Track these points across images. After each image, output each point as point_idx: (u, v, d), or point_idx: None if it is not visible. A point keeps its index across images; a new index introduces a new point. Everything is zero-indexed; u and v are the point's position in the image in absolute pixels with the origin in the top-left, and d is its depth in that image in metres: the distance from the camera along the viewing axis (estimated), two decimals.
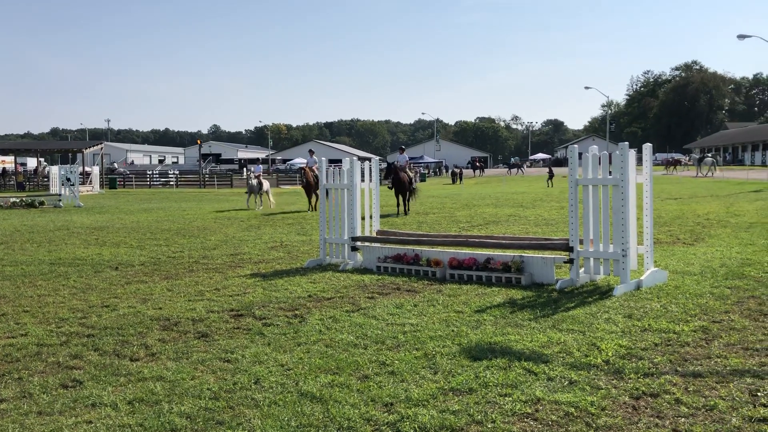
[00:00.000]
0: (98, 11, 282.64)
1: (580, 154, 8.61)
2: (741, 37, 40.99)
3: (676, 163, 66.14)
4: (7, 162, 67.18)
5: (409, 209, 21.68)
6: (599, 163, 8.54)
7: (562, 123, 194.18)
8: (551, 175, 44.43)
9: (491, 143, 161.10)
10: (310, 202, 23.69)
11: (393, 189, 21.23)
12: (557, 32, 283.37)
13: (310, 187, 23.35)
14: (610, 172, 8.45)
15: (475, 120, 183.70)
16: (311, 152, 26.65)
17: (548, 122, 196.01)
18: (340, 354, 5.69)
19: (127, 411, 4.50)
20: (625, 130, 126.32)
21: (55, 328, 6.73)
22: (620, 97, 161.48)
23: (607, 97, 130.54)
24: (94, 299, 8.18)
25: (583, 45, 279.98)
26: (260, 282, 9.21)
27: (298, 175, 25.27)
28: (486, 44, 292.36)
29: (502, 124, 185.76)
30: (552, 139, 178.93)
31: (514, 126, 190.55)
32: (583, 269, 8.65)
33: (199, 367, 5.41)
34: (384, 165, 23.65)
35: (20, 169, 60.47)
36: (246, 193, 26.92)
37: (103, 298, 8.22)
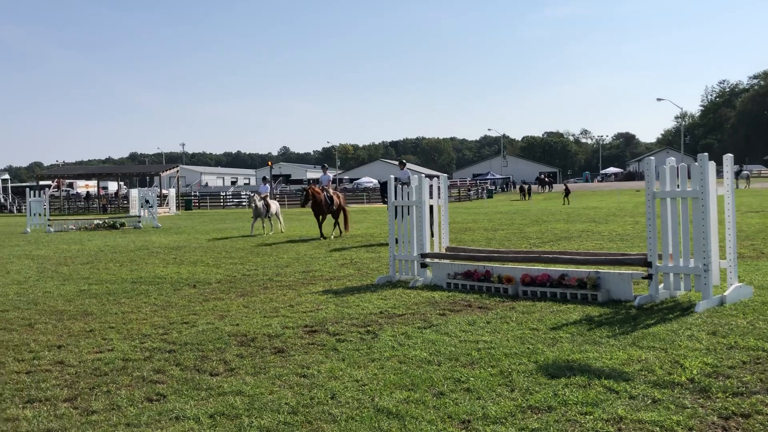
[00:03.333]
0: (173, 41, 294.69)
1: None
2: None
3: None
4: (91, 186, 70.57)
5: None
6: (677, 176, 8.28)
7: (633, 136, 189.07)
8: (567, 192, 43.83)
9: (560, 158, 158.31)
10: (321, 227, 20.27)
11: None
12: (627, 44, 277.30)
13: (320, 208, 20.34)
14: (689, 185, 8.18)
15: (542, 135, 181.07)
16: (324, 168, 22.53)
17: (619, 135, 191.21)
18: (415, 370, 5.68)
19: (209, 424, 4.62)
20: (700, 142, 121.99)
21: (139, 344, 6.99)
22: (694, 108, 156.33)
23: (681, 108, 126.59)
24: (174, 316, 8.47)
25: (655, 56, 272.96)
26: (332, 298, 9.31)
27: (302, 193, 23.33)
28: (552, 58, 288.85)
29: (571, 138, 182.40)
30: (623, 152, 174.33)
31: (583, 140, 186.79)
32: (662, 285, 8.37)
33: (276, 382, 5.51)
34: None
35: (102, 192, 63.34)
36: (252, 217, 23.40)
37: (182, 315, 8.49)
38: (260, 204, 22.72)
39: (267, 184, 26.13)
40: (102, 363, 6.27)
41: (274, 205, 23.47)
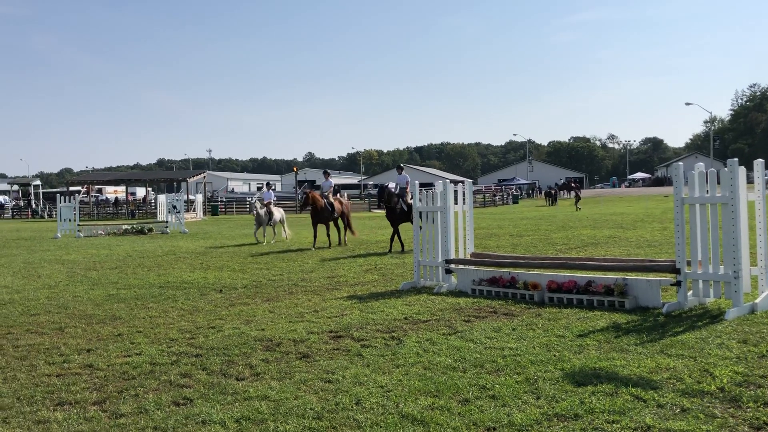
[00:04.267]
0: (201, 50, 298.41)
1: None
2: None
3: None
4: (119, 191, 71.59)
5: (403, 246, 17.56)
6: (707, 181, 8.17)
7: (661, 141, 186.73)
8: (578, 198, 43.23)
9: (586, 163, 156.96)
10: (316, 235, 19.32)
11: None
12: (655, 48, 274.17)
13: (319, 216, 19.16)
14: (718, 190, 8.06)
15: (569, 140, 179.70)
16: (327, 174, 21.25)
17: (646, 140, 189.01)
18: (439, 377, 5.67)
19: (235, 429, 4.65)
20: (730, 147, 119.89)
21: (166, 348, 7.07)
22: (724, 112, 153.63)
23: (710, 112, 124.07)
24: (200, 320, 8.55)
25: (683, 60, 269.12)
26: (357, 304, 9.33)
27: (299, 198, 21.10)
28: (578, 63, 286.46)
29: (598, 143, 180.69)
30: (651, 157, 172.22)
31: (610, 145, 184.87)
32: (691, 292, 8.25)
33: (301, 387, 5.53)
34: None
35: (130, 197, 64.22)
36: (254, 225, 22.48)
37: (209, 320, 8.57)
38: (262, 211, 21.88)
39: (271, 191, 24.46)
40: (130, 367, 6.35)
41: (278, 213, 22.57)
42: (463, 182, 11.56)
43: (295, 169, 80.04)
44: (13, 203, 65.31)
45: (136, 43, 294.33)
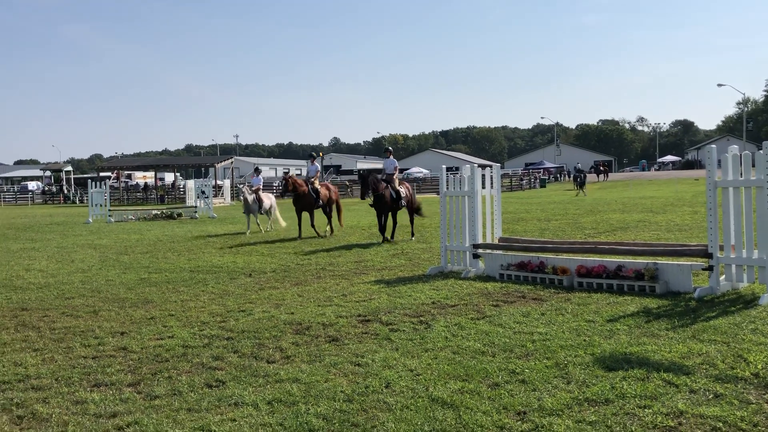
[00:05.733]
0: (227, 36, 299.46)
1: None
2: None
3: None
4: (148, 177, 72.46)
5: (393, 236, 16.13)
6: (740, 164, 8.02)
7: (692, 123, 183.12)
8: (582, 182, 42.11)
9: (615, 146, 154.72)
10: (300, 223, 17.52)
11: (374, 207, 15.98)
12: (685, 29, 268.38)
13: (303, 202, 17.54)
14: (753, 173, 7.91)
15: (597, 122, 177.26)
16: (312, 158, 19.41)
17: (677, 123, 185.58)
18: (469, 361, 5.68)
19: (267, 411, 4.72)
20: (763, 129, 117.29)
21: (198, 331, 7.18)
22: (758, 93, 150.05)
23: (743, 94, 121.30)
24: (231, 304, 8.66)
25: (714, 41, 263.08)
26: (384, 288, 9.37)
27: (277, 184, 18.36)
28: (606, 45, 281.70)
29: (627, 126, 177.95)
30: (681, 140, 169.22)
31: (639, 128, 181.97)
32: (723, 277, 8.13)
33: (331, 370, 5.59)
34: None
35: (159, 183, 64.99)
36: (244, 213, 20.59)
37: (239, 303, 8.68)
38: (251, 198, 19.96)
39: (260, 176, 22.39)
40: (163, 349, 6.46)
41: (267, 200, 20.67)
42: (490, 166, 11.49)
43: (321, 154, 80.00)
44: (46, 189, 66.51)
45: (165, 30, 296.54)
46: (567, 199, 35.36)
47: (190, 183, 40.05)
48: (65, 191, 60.63)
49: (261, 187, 21.41)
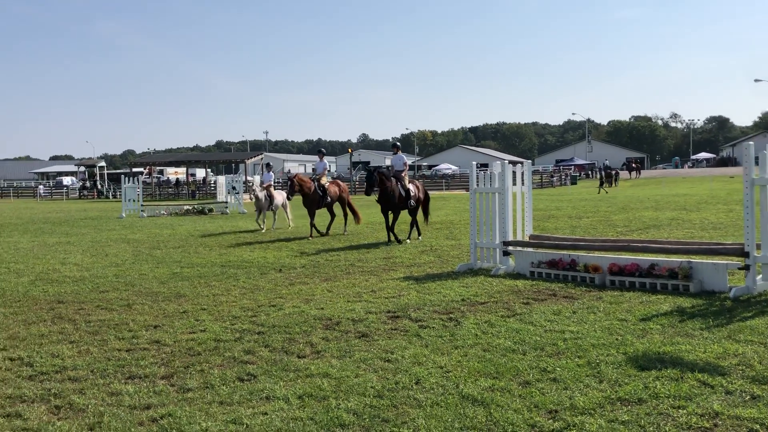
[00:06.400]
0: (256, 32, 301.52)
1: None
2: None
3: None
4: (180, 173, 73.36)
5: (410, 236, 15.34)
6: None
7: (727, 119, 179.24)
8: (602, 181, 41.52)
9: (648, 143, 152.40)
10: (312, 223, 17.05)
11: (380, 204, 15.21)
12: (720, 24, 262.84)
13: (310, 200, 17.09)
14: None
15: (629, 119, 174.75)
16: (321, 154, 18.79)
17: (711, 119, 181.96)
18: (499, 359, 5.65)
19: (298, 405, 4.76)
20: None
21: (229, 325, 7.26)
22: None
23: None
24: (262, 299, 8.74)
25: (751, 35, 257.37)
26: (414, 285, 9.36)
27: (286, 182, 18.28)
28: (640, 40, 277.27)
29: (660, 122, 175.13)
30: (716, 137, 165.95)
31: (673, 124, 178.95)
32: (760, 276, 7.97)
33: (361, 366, 5.61)
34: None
35: (191, 178, 65.76)
36: (255, 210, 20.40)
37: (269, 298, 8.75)
38: (262, 195, 19.50)
39: (271, 172, 21.70)
40: (195, 343, 6.55)
41: (280, 197, 20.13)
42: (521, 163, 11.40)
43: (350, 150, 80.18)
44: (80, 184, 67.76)
45: (196, 27, 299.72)
46: (599, 196, 34.96)
47: (221, 179, 40.45)
48: (99, 186, 61.68)
49: (272, 183, 20.97)
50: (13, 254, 14.65)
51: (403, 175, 15.41)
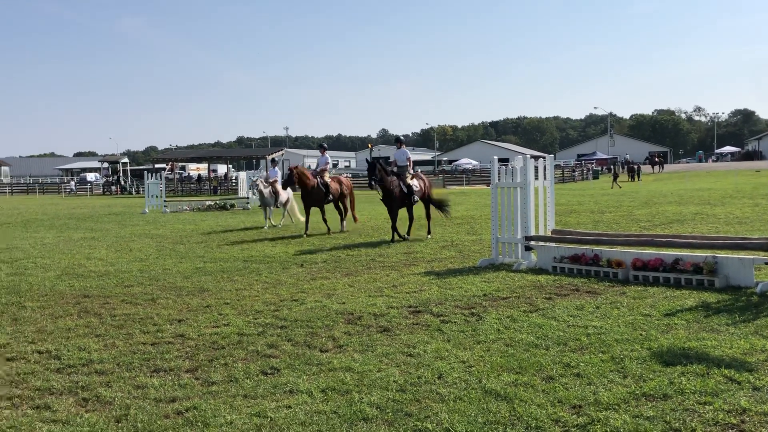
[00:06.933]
0: (276, 29, 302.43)
1: None
2: None
3: None
4: (201, 169, 73.94)
5: (409, 233, 14.74)
6: None
7: (753, 113, 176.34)
8: (615, 177, 41.10)
9: (671, 137, 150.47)
10: (307, 219, 16.55)
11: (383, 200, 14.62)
12: (743, 15, 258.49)
13: (312, 197, 16.45)
14: None
15: (652, 112, 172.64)
16: (323, 148, 17.61)
17: (736, 112, 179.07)
18: (522, 354, 5.63)
19: (321, 399, 4.78)
20: None
21: (252, 320, 7.32)
22: None
23: None
24: (284, 293, 8.79)
25: None
26: (435, 280, 9.36)
27: (286, 175, 16.79)
28: (663, 33, 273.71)
29: (683, 116, 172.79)
30: (741, 130, 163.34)
31: (696, 118, 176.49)
32: None
33: (384, 360, 5.62)
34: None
35: (212, 174, 66.24)
36: (259, 206, 20.11)
37: (291, 293, 8.80)
38: (267, 191, 19.02)
39: (276, 168, 20.97)
40: (219, 337, 6.61)
41: (285, 193, 19.60)
42: (543, 157, 11.32)
43: (370, 145, 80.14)
44: (104, 180, 68.56)
45: (218, 24, 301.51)
46: (621, 191, 34.62)
47: (242, 174, 40.66)
48: (122, 182, 62.35)
49: (278, 179, 20.31)
50: (39, 249, 14.88)
51: (407, 170, 14.91)
